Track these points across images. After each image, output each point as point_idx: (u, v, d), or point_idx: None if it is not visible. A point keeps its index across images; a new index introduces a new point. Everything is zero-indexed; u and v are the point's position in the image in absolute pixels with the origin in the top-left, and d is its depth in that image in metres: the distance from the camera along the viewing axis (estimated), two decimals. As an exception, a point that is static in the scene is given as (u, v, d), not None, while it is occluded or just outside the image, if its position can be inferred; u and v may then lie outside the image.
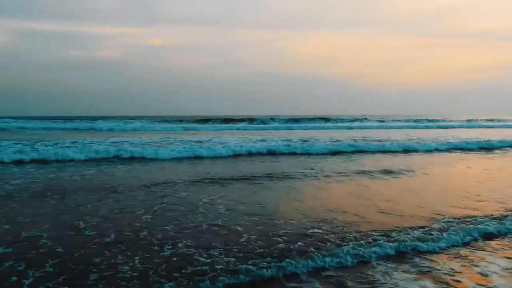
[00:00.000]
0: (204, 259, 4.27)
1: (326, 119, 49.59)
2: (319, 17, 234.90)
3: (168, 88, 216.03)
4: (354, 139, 20.59)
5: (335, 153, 15.60)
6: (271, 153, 15.30)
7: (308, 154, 15.27)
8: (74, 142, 17.49)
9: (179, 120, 47.84)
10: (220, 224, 5.63)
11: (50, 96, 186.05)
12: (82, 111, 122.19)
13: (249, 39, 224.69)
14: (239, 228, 5.42)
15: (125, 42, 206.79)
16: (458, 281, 3.84)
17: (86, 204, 6.78)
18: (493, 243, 4.99)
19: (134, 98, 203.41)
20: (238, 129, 36.15)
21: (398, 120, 52.51)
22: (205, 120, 46.18)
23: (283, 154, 15.21)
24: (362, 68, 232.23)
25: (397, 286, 3.74)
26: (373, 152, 16.09)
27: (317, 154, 15.30)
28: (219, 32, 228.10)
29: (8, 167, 11.34)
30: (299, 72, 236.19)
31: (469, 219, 5.82)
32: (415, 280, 3.87)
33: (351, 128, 39.61)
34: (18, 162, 12.07)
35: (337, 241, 4.86)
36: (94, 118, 48.65)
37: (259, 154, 15.09)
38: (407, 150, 16.63)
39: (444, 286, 3.74)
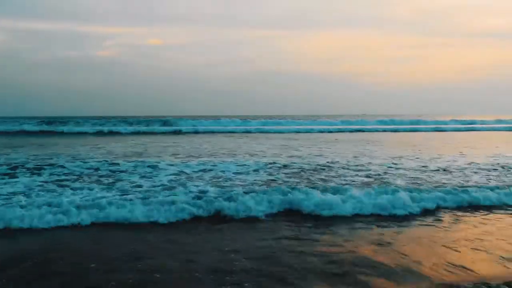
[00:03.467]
0: None
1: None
2: (319, 16, 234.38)
3: (167, 88, 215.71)
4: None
5: None
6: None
7: None
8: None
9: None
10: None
11: (49, 96, 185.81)
12: (81, 111, 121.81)
13: (249, 39, 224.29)
14: None
15: (124, 42, 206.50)
16: None
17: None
18: None
19: (133, 98, 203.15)
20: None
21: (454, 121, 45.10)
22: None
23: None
24: (362, 68, 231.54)
25: None
26: None
27: None
28: (219, 31, 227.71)
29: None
30: (299, 72, 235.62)
31: None
32: None
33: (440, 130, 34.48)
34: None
35: None
36: (92, 119, 48.12)
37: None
38: None
39: None
